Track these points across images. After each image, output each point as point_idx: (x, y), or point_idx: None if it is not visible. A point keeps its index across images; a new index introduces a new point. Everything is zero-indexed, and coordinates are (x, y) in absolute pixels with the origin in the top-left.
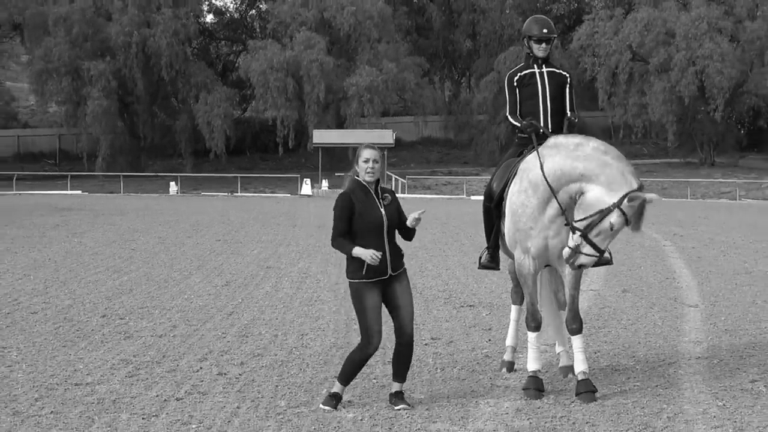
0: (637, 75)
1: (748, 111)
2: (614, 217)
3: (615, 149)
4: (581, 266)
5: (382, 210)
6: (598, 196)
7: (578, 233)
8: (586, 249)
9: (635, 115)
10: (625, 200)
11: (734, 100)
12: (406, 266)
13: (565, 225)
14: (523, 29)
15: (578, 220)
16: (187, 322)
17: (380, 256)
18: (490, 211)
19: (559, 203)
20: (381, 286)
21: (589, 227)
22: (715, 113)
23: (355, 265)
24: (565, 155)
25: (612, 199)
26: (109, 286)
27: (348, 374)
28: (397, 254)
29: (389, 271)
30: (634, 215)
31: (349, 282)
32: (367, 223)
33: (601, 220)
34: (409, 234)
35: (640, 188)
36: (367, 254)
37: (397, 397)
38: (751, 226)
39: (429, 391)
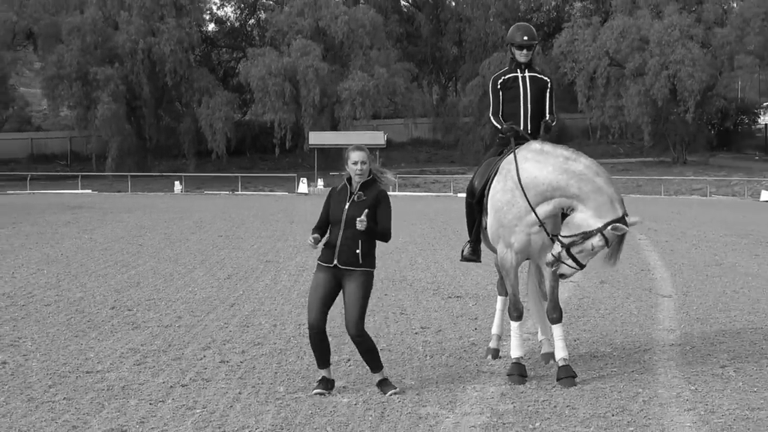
0: (613, 79)
1: (717, 112)
2: (596, 240)
3: (604, 170)
4: (562, 276)
5: (346, 206)
6: (585, 218)
7: (561, 245)
8: (569, 261)
9: (612, 117)
10: (609, 227)
11: (705, 102)
12: (371, 268)
13: (549, 237)
14: (507, 36)
15: (563, 236)
16: (192, 313)
17: (312, 242)
18: (472, 207)
19: (536, 213)
20: (334, 275)
21: (572, 244)
22: (686, 114)
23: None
24: (557, 168)
25: (597, 224)
26: (118, 279)
27: (315, 356)
28: (351, 251)
29: (335, 261)
30: (614, 242)
31: None
32: (332, 216)
33: (583, 240)
34: (377, 235)
35: (624, 215)
36: (309, 238)
37: (384, 384)
38: (721, 221)
39: (419, 377)
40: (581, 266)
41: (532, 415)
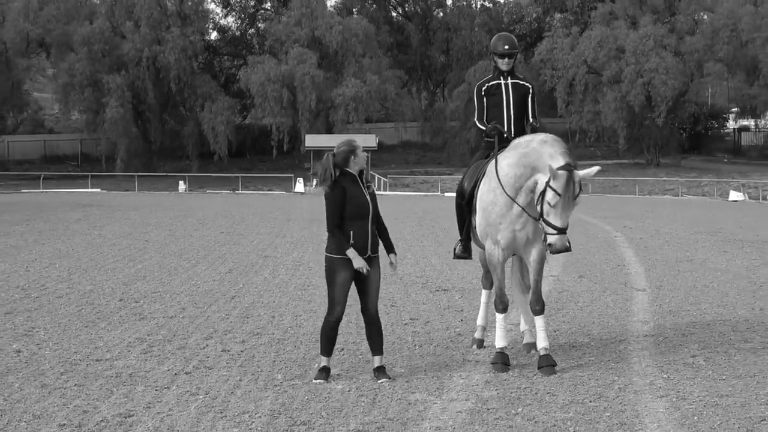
0: (591, 86)
1: (689, 117)
2: (548, 195)
3: (555, 138)
4: (551, 246)
5: (368, 197)
6: (540, 180)
7: (539, 216)
8: (548, 229)
9: (590, 121)
10: (551, 177)
11: (677, 107)
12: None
13: (532, 218)
14: (490, 46)
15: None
16: (195, 305)
17: (365, 268)
18: (462, 208)
19: (519, 204)
20: (351, 266)
21: (541, 209)
22: (658, 119)
23: (336, 244)
24: (518, 155)
25: (545, 179)
26: (126, 273)
27: (324, 345)
28: (376, 239)
29: (369, 252)
30: (563, 189)
31: (326, 256)
32: (355, 209)
33: (542, 200)
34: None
35: (568, 165)
36: (359, 262)
37: (380, 371)
38: (692, 219)
39: (408, 365)
40: (557, 229)
41: (515, 401)
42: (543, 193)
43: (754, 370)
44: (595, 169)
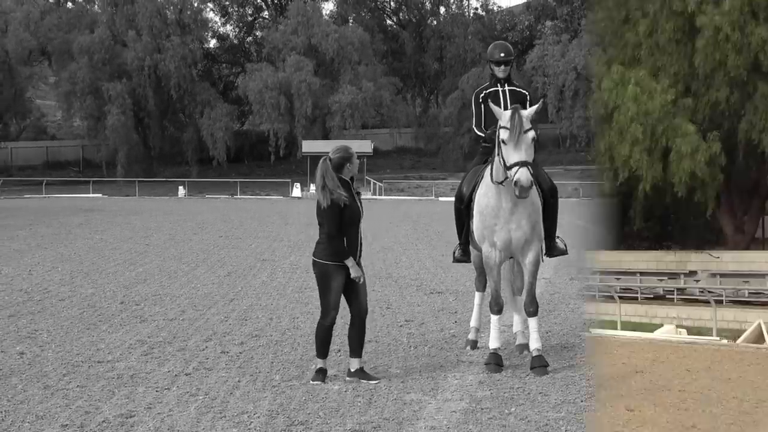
0: (581, 92)
1: None
2: (501, 134)
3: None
4: (517, 183)
5: (359, 204)
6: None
7: (503, 167)
8: (512, 171)
9: (580, 127)
10: (500, 121)
11: None
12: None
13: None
14: (486, 54)
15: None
16: (194, 308)
17: (363, 278)
18: (461, 212)
19: (502, 185)
20: (346, 270)
21: (502, 158)
22: None
23: (328, 250)
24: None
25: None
26: (127, 276)
27: (319, 347)
28: (361, 245)
29: (358, 258)
30: (509, 122)
31: (316, 261)
32: (351, 216)
33: (499, 146)
34: None
35: (513, 106)
36: (357, 271)
37: (362, 372)
38: None
39: (403, 366)
40: (517, 163)
41: (508, 401)
42: (498, 138)
43: None
44: (537, 105)
